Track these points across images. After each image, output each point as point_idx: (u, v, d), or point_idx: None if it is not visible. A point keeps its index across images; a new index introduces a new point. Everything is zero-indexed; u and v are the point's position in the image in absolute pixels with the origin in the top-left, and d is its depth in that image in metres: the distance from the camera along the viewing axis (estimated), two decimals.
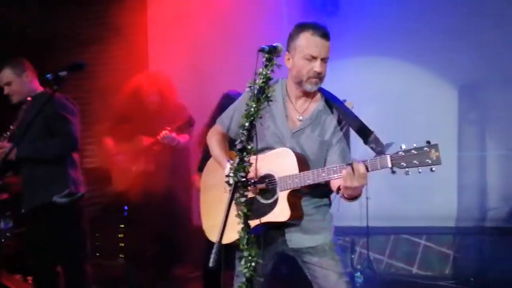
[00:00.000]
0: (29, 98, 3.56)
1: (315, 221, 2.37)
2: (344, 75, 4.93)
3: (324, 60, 2.28)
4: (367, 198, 4.60)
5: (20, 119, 3.56)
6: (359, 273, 4.52)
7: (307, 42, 2.27)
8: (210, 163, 2.61)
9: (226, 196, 2.31)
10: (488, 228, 4.81)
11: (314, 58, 2.26)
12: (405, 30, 4.91)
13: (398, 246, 4.95)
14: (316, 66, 2.26)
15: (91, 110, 5.83)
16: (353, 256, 4.98)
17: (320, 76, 2.30)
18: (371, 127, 2.24)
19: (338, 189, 2.18)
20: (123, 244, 5.19)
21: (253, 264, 2.02)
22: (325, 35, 2.28)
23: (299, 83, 2.33)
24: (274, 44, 2.18)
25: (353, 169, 2.01)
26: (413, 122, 4.83)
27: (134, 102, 4.27)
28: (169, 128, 3.97)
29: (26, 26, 5.70)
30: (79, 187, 3.58)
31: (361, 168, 2.02)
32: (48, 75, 2.95)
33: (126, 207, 4.88)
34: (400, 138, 2.10)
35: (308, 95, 2.40)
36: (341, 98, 2.49)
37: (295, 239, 2.36)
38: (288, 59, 2.34)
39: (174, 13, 5.45)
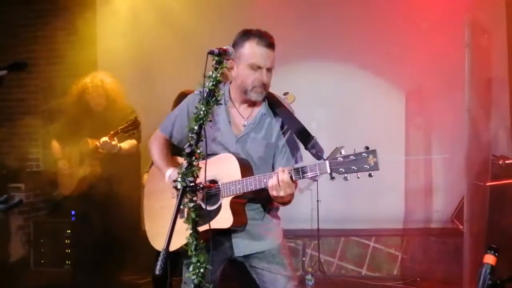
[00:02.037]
0: None
1: (262, 226, 2.36)
2: (294, 79, 4.98)
3: (269, 70, 2.27)
4: (318, 201, 4.66)
5: None
6: (310, 275, 4.54)
7: (252, 51, 2.25)
8: (153, 169, 2.56)
9: (170, 202, 2.30)
10: (434, 229, 4.98)
11: (259, 68, 2.25)
12: (355, 36, 5.00)
13: (348, 248, 5.03)
14: (262, 76, 2.25)
15: (37, 112, 5.64)
16: (304, 258, 5.02)
17: (265, 86, 2.29)
18: (321, 130, 2.26)
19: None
20: (69, 251, 5.02)
21: (201, 270, 1.99)
22: (271, 45, 2.27)
23: (244, 92, 2.31)
24: (224, 47, 2.17)
25: (278, 179, 2.02)
26: (362, 126, 4.93)
27: (80, 105, 4.15)
28: (108, 135, 3.87)
29: None
30: None
31: (285, 177, 2.03)
32: None
33: (73, 212, 4.71)
34: (349, 142, 2.12)
35: (251, 100, 2.38)
36: (281, 92, 2.49)
37: (241, 246, 2.34)
38: (232, 67, 2.30)
39: (123, 13, 5.35)
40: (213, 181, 2.24)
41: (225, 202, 2.20)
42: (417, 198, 5.07)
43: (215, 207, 2.23)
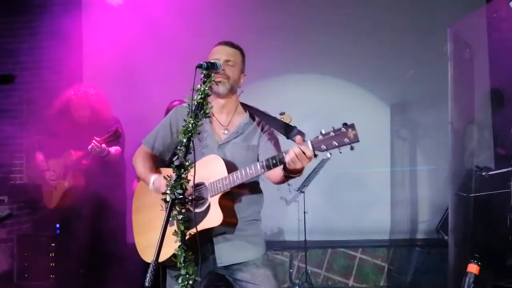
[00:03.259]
0: None
1: (246, 237, 2.38)
2: (281, 92, 5.02)
3: (227, 61, 2.39)
4: (304, 212, 4.67)
5: None
6: (297, 287, 4.55)
7: (215, 50, 2.44)
8: (140, 185, 2.59)
9: (157, 214, 2.30)
10: (419, 240, 5.02)
11: (217, 61, 2.33)
12: (341, 49, 5.06)
13: (335, 259, 5.04)
14: None
15: (21, 124, 5.59)
16: (291, 270, 5.01)
17: (226, 75, 2.36)
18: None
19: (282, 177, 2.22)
20: (53, 264, 4.96)
21: (190, 282, 1.99)
22: (230, 44, 2.45)
23: (212, 89, 2.32)
24: (212, 60, 2.20)
25: (301, 150, 2.06)
26: None
27: (64, 117, 4.13)
28: (98, 139, 3.86)
29: None
30: None
31: (308, 151, 2.07)
32: None
33: (58, 225, 4.66)
34: (334, 153, 2.15)
35: (228, 107, 2.45)
36: (278, 111, 2.55)
37: (225, 256, 2.34)
38: None
39: (109, 24, 5.34)
40: (200, 184, 2.26)
41: (214, 200, 2.22)
42: (403, 209, 5.11)
43: (203, 208, 2.24)
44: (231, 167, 2.26)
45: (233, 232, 2.31)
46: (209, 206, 2.23)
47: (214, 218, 2.20)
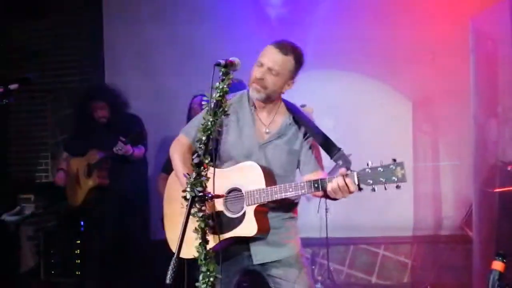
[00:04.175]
0: None
1: (281, 234, 2.36)
2: (302, 87, 4.97)
3: (270, 70, 2.27)
4: (326, 209, 4.65)
5: None
6: (319, 284, 4.54)
7: (264, 51, 2.31)
8: (173, 175, 2.54)
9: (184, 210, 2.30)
10: (443, 236, 4.95)
11: (262, 64, 2.28)
12: (362, 44, 5.01)
13: (357, 256, 5.01)
14: (258, 71, 2.27)
15: (46, 124, 5.70)
16: (313, 267, 5.00)
17: (261, 84, 2.28)
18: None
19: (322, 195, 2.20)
20: (79, 261, 5.05)
21: (211, 279, 2.00)
22: (281, 47, 2.29)
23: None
24: (230, 59, 2.19)
25: (346, 184, 2.02)
26: (369, 134, 4.92)
27: (84, 117, 4.20)
28: (123, 139, 3.91)
29: None
30: None
31: (352, 186, 2.03)
32: None
33: (82, 222, 4.75)
34: (357, 150, 2.14)
35: (270, 106, 2.39)
36: (298, 104, 2.52)
37: (260, 253, 2.33)
38: None
39: (130, 24, 5.40)
40: (236, 189, 2.25)
41: (249, 210, 2.21)
42: (426, 205, 5.04)
43: (239, 215, 2.23)
44: (268, 177, 2.23)
45: (265, 237, 2.29)
46: (244, 214, 2.22)
47: (248, 228, 2.20)
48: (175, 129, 2.70)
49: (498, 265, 1.92)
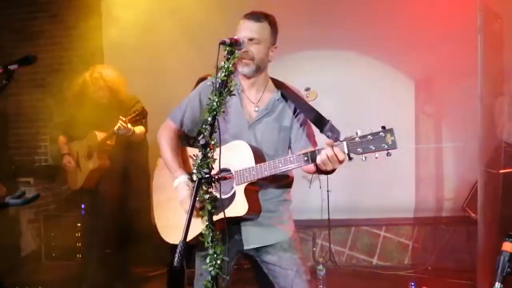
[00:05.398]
0: None
1: (274, 218, 2.34)
2: (301, 68, 4.95)
3: (251, 40, 2.26)
4: (328, 191, 4.64)
5: None
6: (321, 265, 4.54)
7: (239, 27, 2.30)
8: (160, 162, 2.53)
9: (177, 195, 2.28)
10: (445, 218, 4.96)
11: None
12: (364, 23, 4.94)
13: (358, 238, 5.02)
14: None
15: (44, 106, 5.64)
16: (314, 249, 5.01)
17: (248, 56, 2.26)
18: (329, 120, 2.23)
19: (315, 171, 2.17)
20: (80, 244, 5.04)
21: (218, 261, 1.98)
22: (255, 17, 2.29)
23: (237, 69, 2.28)
24: (235, 37, 2.14)
25: (334, 153, 2.00)
26: (370, 115, 4.88)
27: (83, 99, 4.15)
28: (124, 119, 3.86)
29: None
30: None
31: (340, 155, 2.01)
32: None
33: (83, 206, 4.73)
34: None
35: (258, 84, 2.37)
36: (302, 87, 2.48)
37: (251, 238, 2.32)
38: None
39: (129, 6, 5.31)
40: (225, 170, 2.21)
41: (239, 189, 2.18)
42: (427, 187, 5.05)
43: (228, 195, 2.21)
44: (258, 156, 2.20)
45: (257, 218, 2.27)
46: (234, 194, 2.20)
47: (239, 207, 2.17)
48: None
49: (508, 246, 1.89)
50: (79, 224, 5.03)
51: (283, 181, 2.37)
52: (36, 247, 5.45)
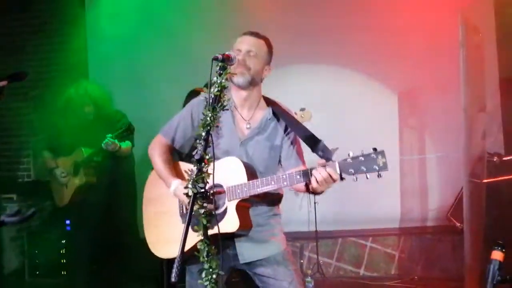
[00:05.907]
0: None
1: (266, 231, 2.36)
2: (287, 82, 4.99)
3: (249, 52, 2.33)
4: (315, 202, 4.66)
5: None
6: (309, 277, 4.55)
7: (238, 40, 2.38)
8: (152, 176, 2.52)
9: (171, 208, 2.30)
10: (430, 228, 5.03)
11: (240, 50, 2.33)
12: (347, 38, 5.03)
13: (345, 249, 5.04)
14: (239, 56, 2.29)
15: (27, 121, 5.58)
16: (302, 261, 5.02)
17: (245, 66, 2.31)
18: (314, 133, 2.27)
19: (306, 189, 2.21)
20: (65, 261, 4.96)
21: (214, 276, 1.98)
22: (254, 34, 2.38)
23: (232, 80, 2.31)
24: (227, 53, 2.16)
25: (328, 173, 2.04)
26: (355, 128, 4.95)
27: (68, 115, 4.12)
28: (110, 135, 3.85)
29: None
30: None
31: (334, 175, 2.05)
32: None
33: (68, 221, 4.67)
34: (344, 144, 2.14)
35: (251, 100, 2.39)
36: (285, 101, 2.52)
37: (246, 252, 2.32)
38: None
39: (114, 19, 5.31)
40: (218, 185, 2.21)
41: (231, 205, 2.19)
42: (412, 197, 5.12)
43: (220, 211, 2.21)
44: (250, 172, 2.22)
45: (247, 234, 2.28)
46: (225, 210, 2.20)
47: (230, 223, 2.18)
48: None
49: (497, 255, 1.93)
50: (64, 241, 4.96)
51: (274, 196, 2.39)
52: (19, 265, 5.35)
